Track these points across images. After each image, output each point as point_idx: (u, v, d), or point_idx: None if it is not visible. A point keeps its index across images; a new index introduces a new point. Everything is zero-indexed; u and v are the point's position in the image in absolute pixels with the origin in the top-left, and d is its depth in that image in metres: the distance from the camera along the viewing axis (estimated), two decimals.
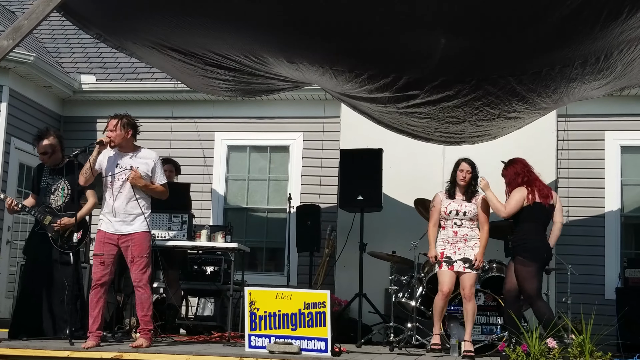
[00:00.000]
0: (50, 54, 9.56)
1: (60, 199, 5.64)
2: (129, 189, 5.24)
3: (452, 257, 5.66)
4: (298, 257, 8.18)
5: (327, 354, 4.89)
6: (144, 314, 5.25)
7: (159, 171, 5.39)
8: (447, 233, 5.73)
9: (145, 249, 5.25)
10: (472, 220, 5.71)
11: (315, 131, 8.78)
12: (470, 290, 5.60)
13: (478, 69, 5.07)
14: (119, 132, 5.24)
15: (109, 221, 5.26)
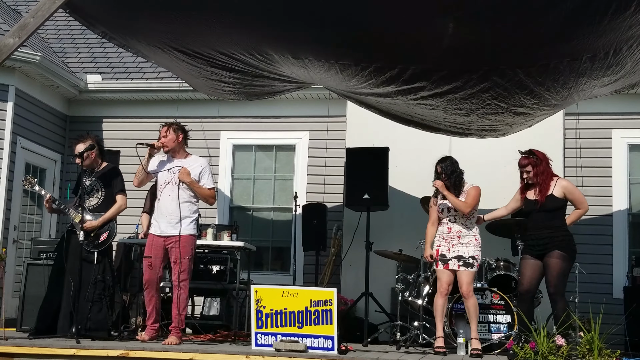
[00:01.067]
0: (56, 53, 9.58)
1: (94, 199, 5.86)
2: (177, 193, 5.46)
3: (447, 255, 5.65)
4: (304, 256, 8.16)
5: (333, 352, 4.87)
6: (180, 312, 5.43)
7: (206, 176, 5.61)
8: (442, 229, 5.76)
9: (188, 251, 5.46)
10: (467, 216, 5.69)
11: (320, 130, 8.75)
12: (468, 287, 5.56)
13: (485, 59, 5.03)
14: (171, 136, 5.55)
15: (157, 223, 5.50)
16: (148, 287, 5.47)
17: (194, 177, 5.52)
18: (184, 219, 5.45)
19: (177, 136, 5.56)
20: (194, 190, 5.52)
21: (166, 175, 5.54)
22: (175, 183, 5.49)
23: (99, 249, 5.82)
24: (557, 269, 5.30)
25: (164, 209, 5.49)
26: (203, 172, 5.59)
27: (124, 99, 9.21)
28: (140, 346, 4.96)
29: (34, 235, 8.47)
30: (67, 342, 5.11)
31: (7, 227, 8.04)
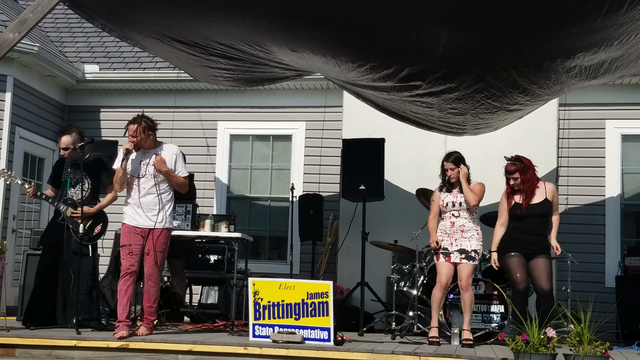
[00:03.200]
0: (53, 43, 9.58)
1: (80, 192, 5.80)
2: (152, 185, 5.42)
3: (449, 249, 5.74)
4: (301, 245, 8.26)
5: (329, 343, 4.98)
6: (149, 304, 5.42)
7: (180, 163, 5.54)
8: (444, 224, 5.84)
9: (162, 243, 5.44)
10: (470, 210, 5.79)
11: (317, 120, 8.80)
12: (467, 280, 5.67)
13: (480, 61, 5.10)
14: (141, 137, 5.42)
15: (133, 215, 5.41)
16: (126, 276, 5.32)
17: (168, 166, 5.44)
18: (160, 212, 5.40)
19: (147, 136, 5.43)
20: (170, 178, 5.44)
21: (141, 169, 5.45)
22: (151, 175, 5.42)
23: (93, 241, 5.86)
24: (548, 268, 5.52)
25: (142, 202, 5.39)
26: (177, 160, 5.51)
27: (121, 89, 9.24)
28: (140, 337, 5.05)
29: (33, 225, 8.54)
30: (67, 333, 5.20)
31: (6, 217, 8.10)
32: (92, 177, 5.92)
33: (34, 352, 4.96)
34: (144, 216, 5.40)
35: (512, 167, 5.66)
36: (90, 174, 5.92)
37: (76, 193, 5.83)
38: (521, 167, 5.62)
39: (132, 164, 5.46)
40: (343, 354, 4.75)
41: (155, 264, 5.40)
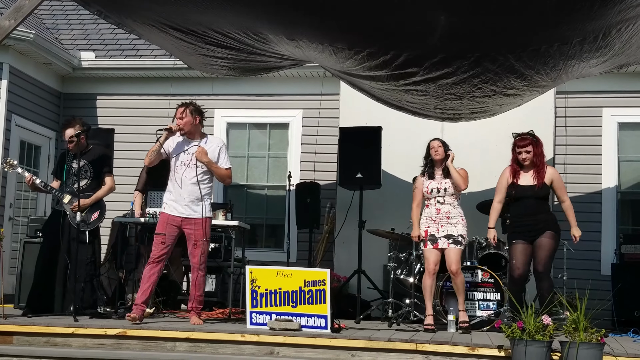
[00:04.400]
0: (49, 30, 9.53)
1: (82, 181, 5.88)
2: (193, 175, 5.43)
3: (436, 235, 5.76)
4: (298, 233, 8.26)
5: (326, 330, 5.00)
6: (200, 294, 5.51)
7: (222, 156, 5.56)
8: (430, 211, 5.85)
9: (208, 233, 5.51)
10: (454, 195, 5.82)
11: (314, 108, 8.79)
12: (457, 265, 5.68)
13: (477, 46, 5.09)
14: (188, 119, 5.45)
15: (173, 205, 5.45)
16: (153, 263, 5.38)
17: (211, 158, 5.45)
18: (203, 201, 5.44)
19: (194, 118, 5.46)
20: (212, 170, 5.46)
21: (183, 157, 5.45)
22: (194, 165, 5.42)
23: (90, 228, 5.90)
24: (549, 248, 5.46)
25: (182, 192, 5.42)
26: (220, 152, 5.55)
27: (117, 77, 9.20)
28: (137, 325, 5.07)
29: (30, 212, 8.53)
30: (65, 320, 5.21)
31: (2, 205, 8.10)
32: (94, 168, 6.00)
33: (32, 340, 4.97)
34: (184, 206, 5.42)
35: (523, 141, 5.58)
36: (93, 165, 6.00)
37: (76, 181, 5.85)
38: (534, 141, 5.60)
39: (176, 147, 5.48)
40: (340, 341, 4.76)
41: (204, 254, 5.46)
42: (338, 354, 4.74)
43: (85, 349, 4.85)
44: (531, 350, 4.30)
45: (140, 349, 4.87)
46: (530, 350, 4.29)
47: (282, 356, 4.77)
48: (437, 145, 5.88)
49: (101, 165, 6.06)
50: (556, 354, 4.49)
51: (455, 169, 5.77)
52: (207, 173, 5.51)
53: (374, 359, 4.71)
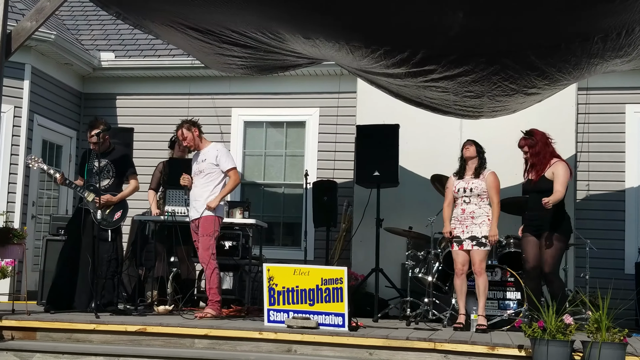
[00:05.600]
0: (70, 31, 9.63)
1: (105, 180, 6.00)
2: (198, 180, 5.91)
3: (461, 236, 5.79)
4: (315, 232, 8.26)
5: (344, 328, 4.99)
6: (210, 287, 5.75)
7: (223, 158, 5.94)
8: (456, 211, 5.89)
9: (206, 228, 5.75)
10: (481, 196, 5.80)
11: (331, 106, 8.78)
12: (480, 265, 5.69)
13: (496, 42, 5.03)
14: (189, 136, 5.94)
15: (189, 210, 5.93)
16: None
17: (211, 163, 5.86)
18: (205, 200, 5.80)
19: (192, 133, 5.93)
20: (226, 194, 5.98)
21: (194, 167, 6.00)
22: (199, 172, 5.91)
23: (113, 226, 5.97)
24: (552, 249, 5.40)
25: (193, 197, 5.90)
26: (219, 156, 5.90)
27: (136, 76, 9.26)
28: (157, 321, 5.10)
29: (52, 211, 8.64)
30: (87, 317, 5.26)
31: (25, 203, 8.20)
32: (117, 169, 6.09)
33: (54, 336, 5.04)
34: (194, 210, 5.86)
35: (521, 142, 5.72)
36: (117, 165, 6.09)
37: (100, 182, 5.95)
38: (530, 142, 5.63)
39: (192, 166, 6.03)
40: (357, 340, 4.75)
41: (203, 247, 5.73)
42: (356, 352, 4.73)
43: (106, 345, 4.91)
44: (553, 350, 4.25)
45: (159, 345, 4.91)
46: (552, 350, 4.25)
47: (300, 354, 4.77)
48: (469, 144, 5.99)
49: (124, 165, 6.16)
50: (578, 353, 4.43)
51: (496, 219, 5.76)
52: (210, 177, 5.89)
53: (392, 357, 4.70)
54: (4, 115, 7.54)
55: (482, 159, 5.91)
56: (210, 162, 5.88)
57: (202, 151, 5.97)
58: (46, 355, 4.77)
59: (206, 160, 5.90)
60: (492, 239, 5.71)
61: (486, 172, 5.87)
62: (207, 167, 5.89)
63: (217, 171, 5.90)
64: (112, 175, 6.06)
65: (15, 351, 4.79)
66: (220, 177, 5.92)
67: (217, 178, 5.90)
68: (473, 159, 5.88)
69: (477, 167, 5.87)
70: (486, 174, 5.85)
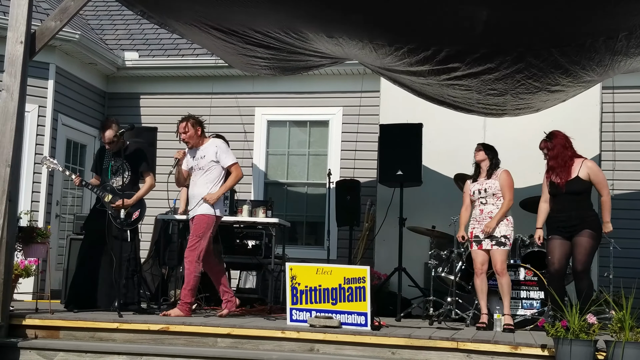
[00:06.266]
0: (94, 30, 9.73)
1: (121, 179, 6.00)
2: (198, 178, 5.79)
3: (480, 236, 5.78)
4: (338, 231, 8.26)
5: (367, 327, 4.98)
6: (184, 287, 5.64)
7: (223, 155, 5.84)
8: (475, 212, 5.94)
9: (197, 229, 5.64)
10: (496, 195, 5.84)
11: (354, 105, 8.76)
12: (501, 265, 5.69)
13: (520, 41, 5.00)
14: (191, 132, 5.82)
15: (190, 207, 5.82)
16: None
17: (211, 160, 5.76)
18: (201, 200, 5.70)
19: (195, 130, 5.82)
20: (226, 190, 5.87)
21: (192, 164, 5.86)
22: (199, 169, 5.80)
23: (132, 227, 6.00)
24: (588, 247, 5.32)
25: (192, 195, 5.81)
26: (219, 152, 5.80)
27: (160, 76, 9.33)
28: (180, 321, 5.13)
29: (75, 210, 8.74)
30: (110, 316, 5.31)
31: (50, 202, 8.30)
32: (132, 166, 6.09)
33: (78, 334, 5.09)
34: (192, 206, 5.76)
35: (541, 144, 5.68)
36: (131, 162, 6.09)
37: (116, 180, 6.00)
38: (548, 145, 5.58)
39: (187, 162, 5.90)
40: (380, 339, 4.74)
41: (190, 246, 5.64)
42: (378, 351, 4.72)
43: (129, 344, 4.94)
44: (576, 349, 4.20)
45: (182, 344, 4.94)
46: (575, 350, 4.20)
47: (322, 353, 4.76)
48: (477, 149, 6.06)
49: (138, 162, 6.13)
50: (601, 353, 4.38)
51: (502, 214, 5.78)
52: (209, 173, 5.78)
53: (415, 357, 4.68)
54: (28, 114, 7.61)
55: (493, 159, 5.95)
56: (210, 159, 5.78)
57: (201, 148, 5.85)
58: (69, 354, 4.81)
59: (205, 157, 5.79)
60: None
61: (499, 171, 5.93)
62: (206, 164, 5.77)
63: (217, 168, 5.78)
64: (127, 173, 6.06)
65: (38, 350, 4.84)
66: (220, 173, 5.81)
67: (217, 175, 5.80)
68: (484, 161, 5.98)
69: (489, 168, 5.94)
70: (499, 173, 5.91)
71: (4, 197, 5.09)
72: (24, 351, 4.86)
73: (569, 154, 5.51)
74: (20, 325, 5.12)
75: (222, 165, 5.80)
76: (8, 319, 5.10)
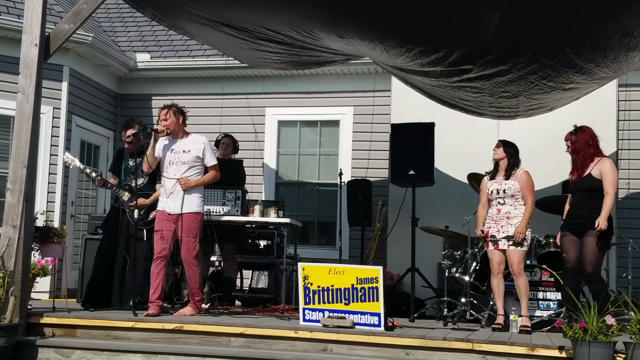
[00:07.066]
0: (106, 33, 9.78)
1: (140, 179, 6.02)
2: (181, 173, 5.61)
3: (497, 236, 5.71)
4: (349, 231, 8.25)
5: (380, 328, 4.96)
6: (192, 286, 5.64)
7: (209, 153, 5.74)
8: (491, 211, 5.82)
9: (193, 229, 5.58)
10: (515, 197, 5.72)
11: (365, 105, 8.75)
12: (518, 266, 5.61)
13: (534, 42, 4.96)
14: (172, 119, 5.66)
15: (166, 202, 5.63)
16: (158, 260, 5.57)
17: (197, 157, 5.64)
18: (188, 199, 5.57)
19: (177, 119, 5.67)
20: (202, 183, 5.68)
21: (170, 156, 5.68)
22: (181, 163, 5.62)
23: (148, 226, 6.03)
24: (594, 247, 5.19)
25: (171, 189, 5.60)
26: (206, 150, 5.71)
27: (172, 77, 9.37)
28: (193, 320, 5.14)
29: (90, 210, 8.79)
30: (125, 314, 5.34)
31: (65, 203, 8.36)
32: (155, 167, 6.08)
33: (94, 333, 5.12)
34: (172, 202, 5.59)
35: (567, 135, 5.51)
36: None
37: (134, 181, 6.01)
38: (572, 138, 5.46)
39: (164, 148, 5.71)
40: (394, 340, 4.72)
41: (187, 248, 5.55)
42: (392, 352, 4.70)
43: (144, 343, 4.96)
44: (594, 351, 4.16)
45: (196, 343, 4.94)
46: (594, 352, 4.16)
47: (336, 353, 4.75)
48: (497, 145, 5.90)
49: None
50: (620, 355, 4.33)
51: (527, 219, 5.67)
52: (193, 170, 5.66)
53: (429, 357, 4.65)
54: (43, 116, 7.65)
55: (512, 158, 5.79)
56: (196, 154, 5.64)
57: (183, 141, 5.69)
58: (86, 352, 4.84)
59: (190, 152, 5.64)
60: (518, 235, 5.60)
61: (519, 171, 5.77)
62: (191, 159, 5.63)
63: (200, 165, 5.68)
64: (146, 174, 6.10)
65: (56, 348, 4.88)
66: (202, 171, 5.70)
67: (200, 172, 5.69)
68: (502, 159, 5.82)
69: (507, 167, 5.78)
70: (519, 174, 5.76)
71: (20, 198, 5.12)
72: (42, 349, 4.89)
73: (590, 152, 5.38)
74: (38, 324, 5.16)
75: (206, 163, 5.71)
76: (26, 317, 5.14)
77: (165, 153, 5.70)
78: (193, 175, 5.64)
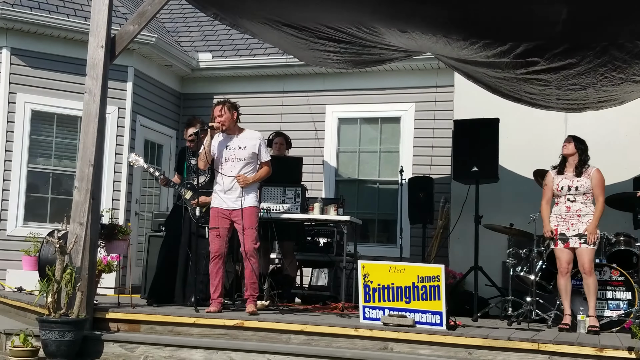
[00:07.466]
0: (169, 33, 9.99)
1: (201, 177, 6.09)
2: (238, 169, 5.62)
3: (567, 234, 5.53)
4: (410, 229, 8.14)
5: (442, 327, 4.86)
6: (252, 281, 5.61)
7: (264, 149, 5.76)
8: (560, 209, 5.62)
9: (253, 221, 5.59)
10: (586, 195, 5.53)
11: (427, 101, 8.62)
12: (589, 265, 5.43)
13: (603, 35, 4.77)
14: (227, 115, 5.66)
15: (222, 198, 5.65)
16: (216, 259, 5.58)
17: (253, 152, 5.64)
18: (247, 193, 5.58)
19: (232, 114, 5.64)
20: (257, 180, 5.71)
21: (226, 153, 5.66)
22: (238, 160, 5.62)
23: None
24: None
25: (228, 185, 5.61)
26: (261, 146, 5.71)
27: (233, 76, 9.48)
28: (254, 317, 5.18)
29: (154, 208, 9.00)
30: (187, 310, 5.42)
31: (129, 201, 8.59)
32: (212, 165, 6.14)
33: (157, 328, 5.23)
34: (229, 199, 5.59)
35: None
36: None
37: (196, 179, 6.10)
38: None
39: (219, 145, 5.69)
40: (456, 339, 4.62)
41: (250, 240, 5.54)
42: (454, 351, 4.60)
43: (205, 339, 5.02)
44: None
45: (256, 339, 4.98)
46: None
47: (396, 352, 4.69)
48: (567, 140, 5.71)
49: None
50: None
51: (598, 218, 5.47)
52: (250, 166, 5.65)
53: (493, 358, 4.54)
54: (109, 116, 7.87)
55: (583, 155, 5.60)
56: (253, 151, 5.64)
57: (239, 137, 5.68)
58: (150, 347, 4.94)
59: (246, 148, 5.64)
60: (591, 236, 5.40)
61: (591, 169, 5.58)
62: (248, 156, 5.63)
63: (256, 161, 5.68)
64: (208, 172, 6.14)
65: (120, 342, 5.00)
66: (257, 167, 5.70)
67: (255, 168, 5.69)
68: (572, 155, 5.62)
69: (578, 164, 5.59)
70: (591, 172, 5.56)
71: (87, 196, 5.27)
72: (107, 343, 5.02)
73: None
74: (103, 319, 5.31)
75: (261, 159, 5.72)
76: (92, 312, 5.29)
77: (220, 150, 5.71)
78: (249, 171, 5.66)
